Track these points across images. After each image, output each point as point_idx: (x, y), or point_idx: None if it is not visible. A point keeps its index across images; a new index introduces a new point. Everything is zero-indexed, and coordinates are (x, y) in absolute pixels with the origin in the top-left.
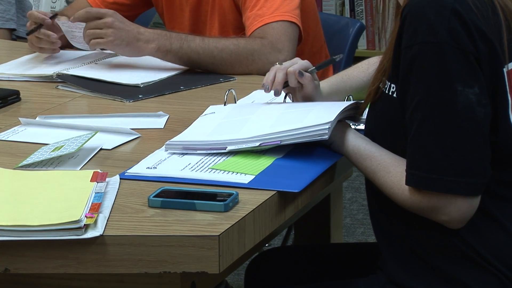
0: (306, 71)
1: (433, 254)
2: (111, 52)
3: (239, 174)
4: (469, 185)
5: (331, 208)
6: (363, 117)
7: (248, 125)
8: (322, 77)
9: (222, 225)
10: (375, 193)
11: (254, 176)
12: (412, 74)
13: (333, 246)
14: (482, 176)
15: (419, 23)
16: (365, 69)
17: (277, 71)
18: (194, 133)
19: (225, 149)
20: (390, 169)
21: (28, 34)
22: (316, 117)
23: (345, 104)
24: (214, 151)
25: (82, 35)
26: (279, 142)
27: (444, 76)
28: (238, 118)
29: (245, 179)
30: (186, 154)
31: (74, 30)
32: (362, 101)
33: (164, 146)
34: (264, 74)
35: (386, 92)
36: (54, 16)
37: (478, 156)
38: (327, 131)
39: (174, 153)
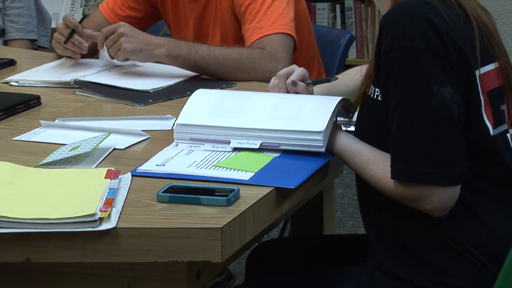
0: (303, 80)
1: (418, 244)
2: (134, 62)
3: (240, 171)
4: (448, 176)
5: (324, 203)
6: (353, 120)
7: (246, 109)
8: None
9: (224, 218)
10: (365, 188)
11: (254, 173)
12: (391, 77)
13: (325, 237)
14: (459, 167)
15: (396, 30)
16: (353, 75)
17: (278, 79)
18: (194, 112)
19: (229, 143)
20: (379, 163)
21: (65, 42)
22: (310, 116)
23: (336, 100)
24: (219, 146)
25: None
26: (278, 145)
27: (420, 78)
28: (235, 95)
29: (246, 176)
30: (192, 152)
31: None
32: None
33: (171, 144)
34: (262, 81)
35: (372, 96)
36: (81, 20)
37: (454, 149)
38: (322, 144)
39: (181, 151)
